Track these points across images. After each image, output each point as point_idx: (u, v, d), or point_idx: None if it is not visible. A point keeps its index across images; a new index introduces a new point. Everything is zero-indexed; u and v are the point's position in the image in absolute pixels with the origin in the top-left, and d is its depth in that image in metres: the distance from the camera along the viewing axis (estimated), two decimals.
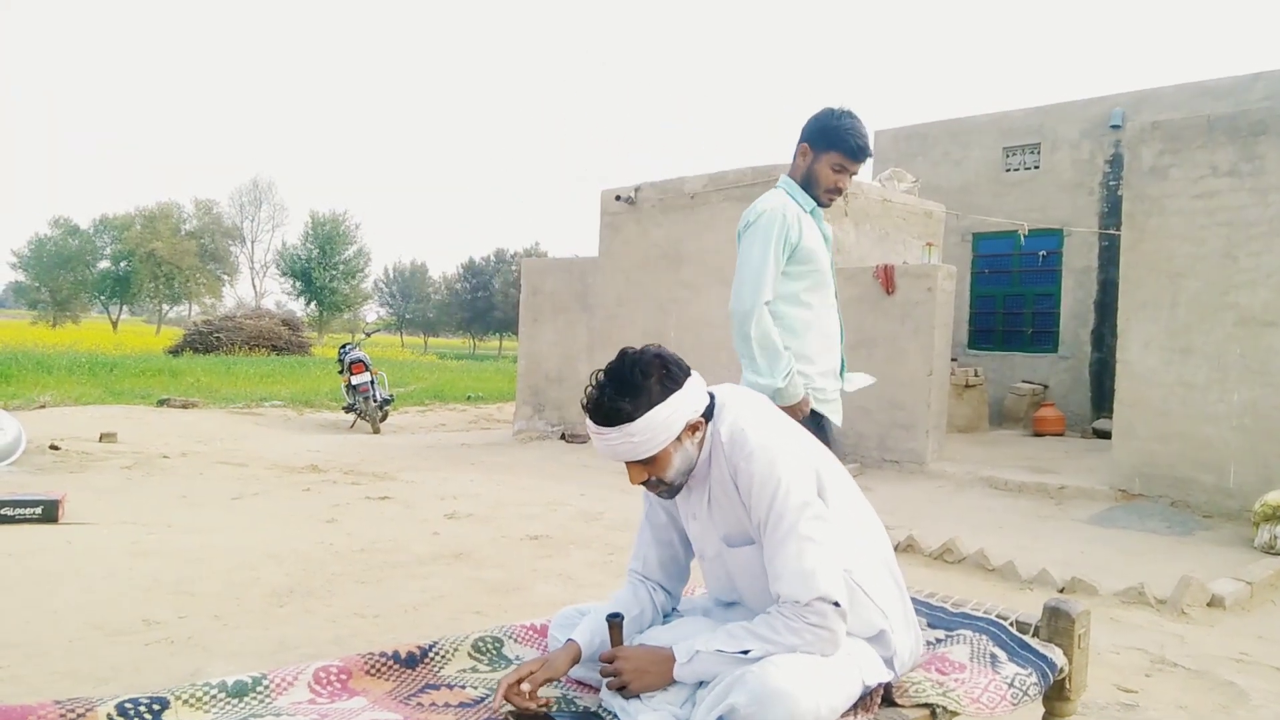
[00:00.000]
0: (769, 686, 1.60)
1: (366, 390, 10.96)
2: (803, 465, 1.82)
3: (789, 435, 1.88)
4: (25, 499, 4.92)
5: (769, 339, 2.72)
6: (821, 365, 2.84)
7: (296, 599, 3.72)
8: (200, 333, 26.33)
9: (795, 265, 2.80)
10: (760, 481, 1.77)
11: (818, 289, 2.83)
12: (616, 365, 1.82)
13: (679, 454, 1.84)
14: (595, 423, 1.81)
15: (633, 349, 1.86)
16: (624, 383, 1.78)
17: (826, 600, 1.70)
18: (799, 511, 1.75)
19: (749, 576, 1.89)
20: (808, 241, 2.78)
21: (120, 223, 52.70)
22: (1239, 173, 6.12)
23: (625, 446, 1.79)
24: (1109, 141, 11.29)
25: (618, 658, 1.83)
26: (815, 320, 2.83)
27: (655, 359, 1.82)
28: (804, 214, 2.82)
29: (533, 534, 5.17)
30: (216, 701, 1.73)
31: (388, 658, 1.99)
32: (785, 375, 2.70)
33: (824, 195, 2.83)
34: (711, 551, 1.97)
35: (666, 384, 1.80)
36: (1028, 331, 12.06)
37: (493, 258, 58.57)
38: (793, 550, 1.73)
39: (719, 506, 1.89)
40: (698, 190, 9.28)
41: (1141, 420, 6.52)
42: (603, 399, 1.79)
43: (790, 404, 2.70)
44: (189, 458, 7.70)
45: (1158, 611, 4.07)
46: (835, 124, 2.76)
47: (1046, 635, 2.15)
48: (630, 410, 1.77)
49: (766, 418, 1.90)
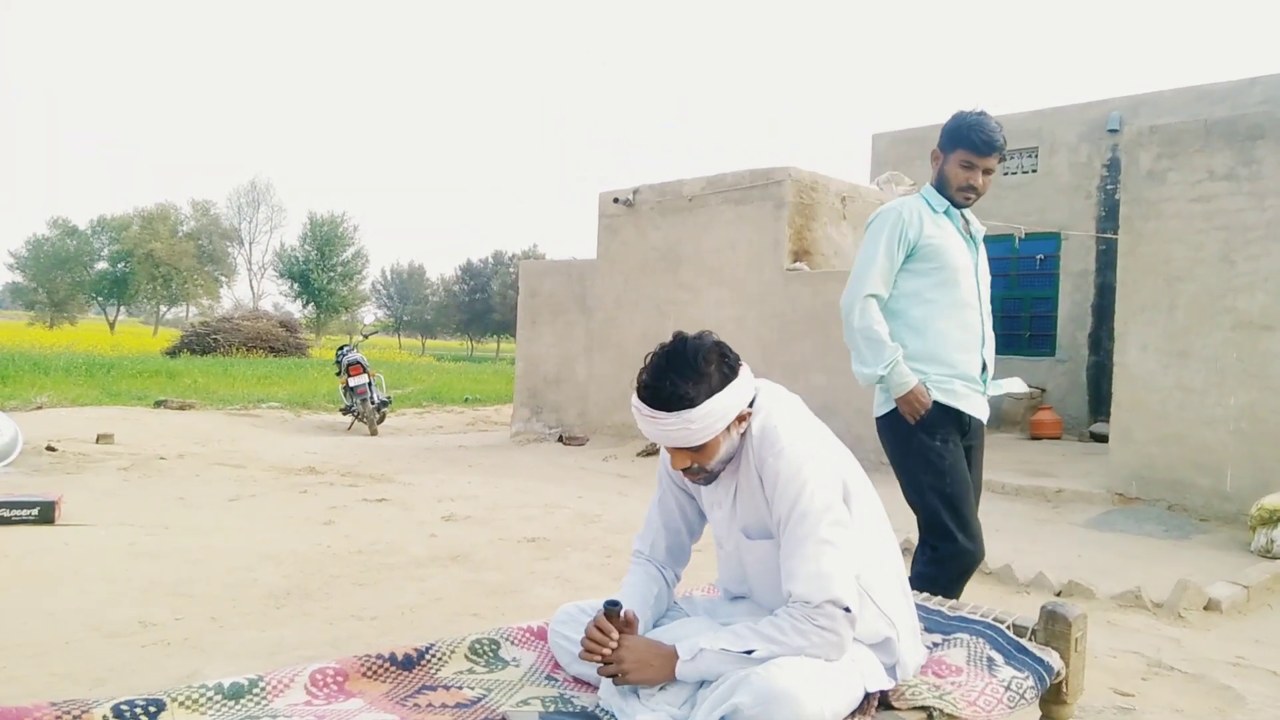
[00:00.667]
0: (774, 688, 1.59)
1: (364, 392, 10.96)
2: (830, 469, 1.82)
3: (820, 438, 1.89)
4: (22, 500, 4.91)
5: (871, 330, 2.74)
6: (950, 366, 2.80)
7: (294, 601, 3.71)
8: (198, 334, 26.33)
9: (918, 263, 2.79)
10: (786, 479, 1.77)
11: (945, 287, 2.79)
12: (679, 349, 1.80)
13: (725, 443, 1.84)
14: (653, 407, 1.77)
15: (689, 335, 1.84)
16: (687, 367, 1.76)
17: (838, 604, 1.70)
18: (821, 514, 1.75)
19: (762, 570, 1.90)
20: (933, 240, 2.78)
21: (118, 224, 52.70)
22: (1236, 177, 6.13)
23: (681, 433, 1.77)
24: (1106, 145, 11.30)
25: (620, 646, 1.82)
26: (940, 318, 2.79)
27: (715, 346, 1.81)
28: (932, 214, 2.82)
29: (530, 536, 5.17)
30: (213, 703, 1.73)
31: (384, 659, 1.98)
32: (887, 365, 2.71)
33: (957, 194, 2.83)
34: (730, 542, 1.97)
35: (725, 372, 1.79)
36: (1025, 335, 12.08)
37: (491, 259, 58.55)
38: (810, 551, 1.73)
39: (743, 498, 1.89)
40: (696, 193, 9.29)
41: (1139, 424, 6.52)
42: (664, 384, 1.76)
43: (899, 394, 2.72)
44: (186, 459, 7.69)
45: (1154, 615, 4.07)
46: (959, 122, 2.80)
47: (1043, 638, 2.15)
48: (693, 396, 1.75)
49: (799, 418, 1.90)
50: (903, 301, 2.80)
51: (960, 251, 2.83)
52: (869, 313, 2.76)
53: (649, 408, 1.78)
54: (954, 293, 2.81)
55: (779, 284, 8.52)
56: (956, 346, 2.80)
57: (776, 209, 8.62)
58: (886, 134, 13.39)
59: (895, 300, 2.81)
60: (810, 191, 8.79)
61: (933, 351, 2.78)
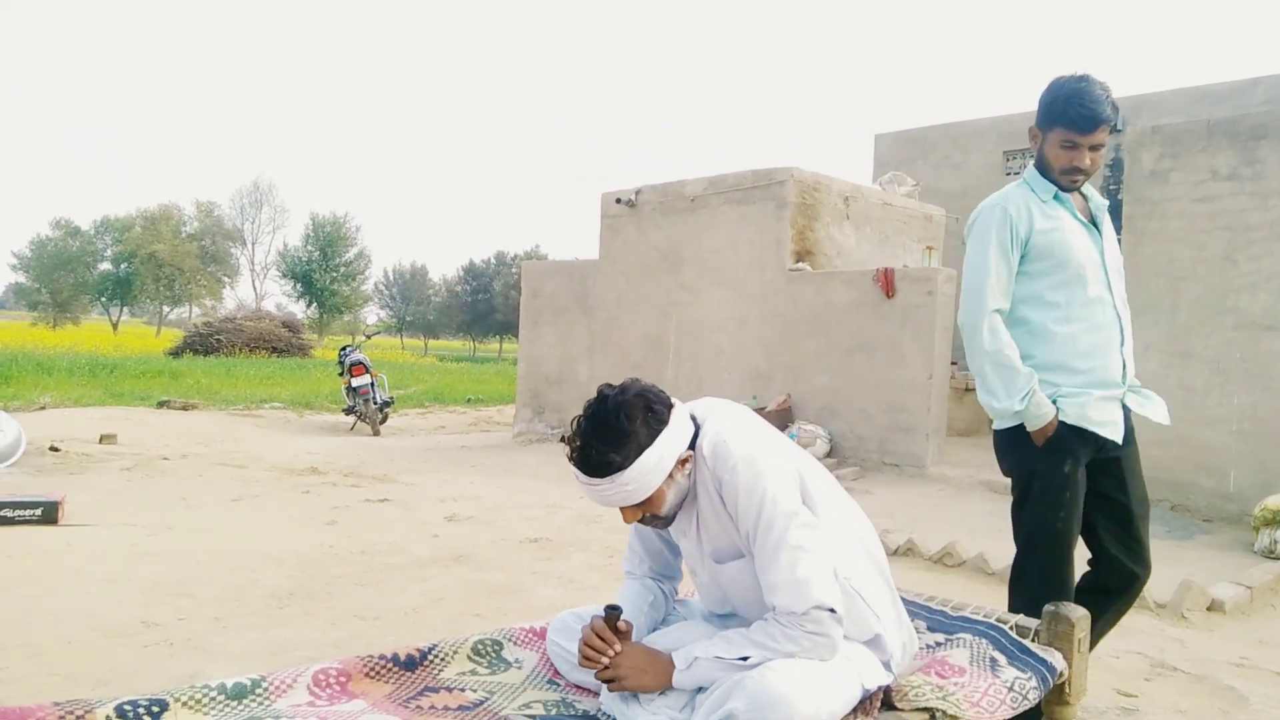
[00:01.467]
0: (768, 691, 1.60)
1: (367, 392, 10.97)
2: (787, 474, 1.81)
3: (771, 444, 1.86)
4: (25, 500, 4.92)
5: (1002, 354, 2.39)
6: (1084, 374, 2.43)
7: (296, 601, 3.71)
8: (200, 334, 26.37)
9: (1033, 262, 2.44)
10: (746, 493, 1.75)
11: (1068, 285, 2.43)
12: (598, 410, 1.75)
13: (672, 490, 1.81)
14: (585, 474, 1.75)
15: (612, 388, 1.79)
16: (609, 430, 1.72)
17: (823, 608, 1.70)
18: (788, 520, 1.74)
19: (741, 589, 1.89)
20: (1046, 233, 2.42)
21: (121, 224, 52.80)
22: (1239, 176, 6.13)
23: (619, 495, 1.75)
24: (1109, 145, 11.28)
25: (610, 647, 1.82)
26: (1067, 321, 2.43)
27: (637, 398, 1.76)
28: (1041, 203, 2.45)
29: (532, 536, 5.17)
30: (216, 703, 1.73)
31: (387, 660, 1.99)
32: (1024, 396, 2.37)
33: (1061, 178, 2.43)
34: (703, 569, 1.96)
35: (653, 424, 1.75)
36: None
37: (493, 260, 58.60)
38: (785, 561, 1.72)
39: (707, 523, 1.88)
40: (698, 193, 9.28)
41: (1141, 424, 6.50)
42: (590, 451, 1.73)
43: (1036, 428, 2.39)
44: (189, 459, 7.70)
45: (1157, 616, 4.07)
46: (1054, 94, 2.39)
47: (1046, 639, 2.15)
48: (620, 460, 1.71)
49: (746, 427, 1.87)
50: (1021, 308, 2.46)
51: (1080, 241, 2.45)
52: (999, 334, 2.40)
53: (583, 475, 1.76)
54: (1079, 290, 2.44)
55: (781, 284, 8.52)
56: (1089, 351, 2.44)
57: (779, 209, 8.61)
58: (889, 134, 13.38)
59: (1013, 307, 2.46)
60: (813, 192, 8.79)
61: (1061, 359, 2.42)
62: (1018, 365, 2.38)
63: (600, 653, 1.81)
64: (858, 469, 7.68)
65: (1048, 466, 2.44)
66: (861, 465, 7.78)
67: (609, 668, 1.80)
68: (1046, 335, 2.44)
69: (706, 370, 9.04)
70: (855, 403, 7.90)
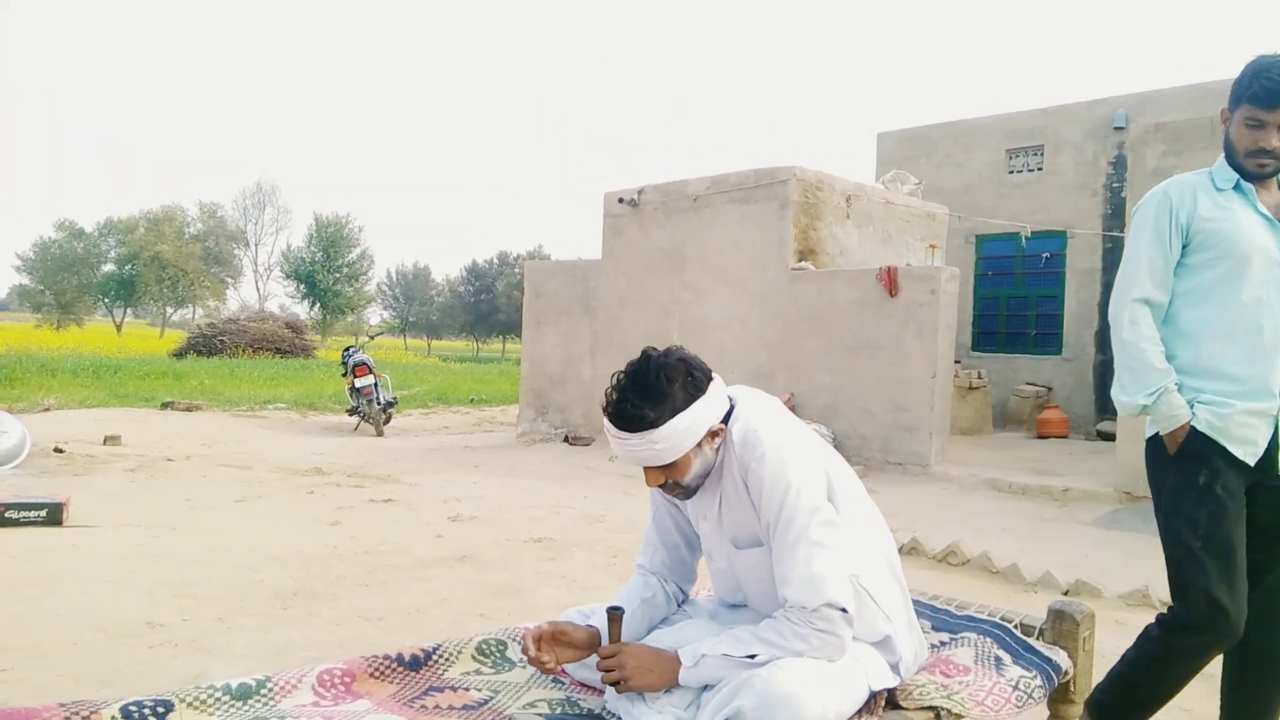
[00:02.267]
0: (776, 690, 1.59)
1: (370, 393, 10.99)
2: (814, 469, 1.80)
3: (801, 438, 1.86)
4: (30, 502, 4.93)
5: (1135, 347, 2.20)
6: (1231, 381, 2.17)
7: (300, 601, 3.72)
8: (204, 336, 26.42)
9: (1194, 254, 2.21)
10: (771, 483, 1.75)
11: (1230, 281, 2.18)
12: (640, 368, 1.77)
13: (699, 459, 1.81)
14: (617, 428, 1.76)
15: (656, 350, 1.81)
16: (648, 387, 1.74)
17: (834, 606, 1.69)
18: (809, 515, 1.73)
19: (756, 579, 1.89)
20: (1211, 222, 2.19)
21: (125, 226, 52.89)
22: None
23: (647, 453, 1.76)
24: (1112, 143, 11.28)
25: (620, 653, 1.81)
26: (1224, 322, 2.18)
27: (680, 363, 1.78)
28: (1213, 191, 2.23)
29: (536, 536, 5.17)
30: (220, 704, 1.73)
31: (391, 660, 1.99)
32: (1153, 393, 2.17)
33: (1247, 162, 2.21)
34: (721, 553, 1.95)
35: (690, 390, 1.76)
36: (1031, 333, 12.05)
37: (496, 260, 58.68)
38: (802, 555, 1.71)
39: (729, 508, 1.88)
40: (700, 192, 9.28)
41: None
42: (625, 404, 1.74)
43: (1167, 430, 2.19)
44: (193, 460, 7.72)
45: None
46: (1245, 70, 2.20)
47: (1051, 638, 2.15)
48: (654, 417, 1.72)
49: (779, 420, 1.88)
50: (1176, 303, 2.24)
51: (1256, 236, 2.19)
52: (1139, 324, 2.20)
53: (614, 428, 1.77)
54: (1241, 287, 2.18)
55: (784, 283, 8.51)
56: (1241, 357, 2.18)
57: (781, 208, 8.61)
58: (892, 133, 13.38)
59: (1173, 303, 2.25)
60: (815, 190, 8.78)
61: (1209, 363, 2.19)
62: (1153, 360, 2.18)
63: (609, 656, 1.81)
64: (861, 468, 7.67)
65: (1180, 478, 2.20)
66: (865, 464, 7.77)
67: (613, 668, 1.80)
68: (1195, 335, 2.22)
69: None
70: (858, 401, 7.89)
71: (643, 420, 1.73)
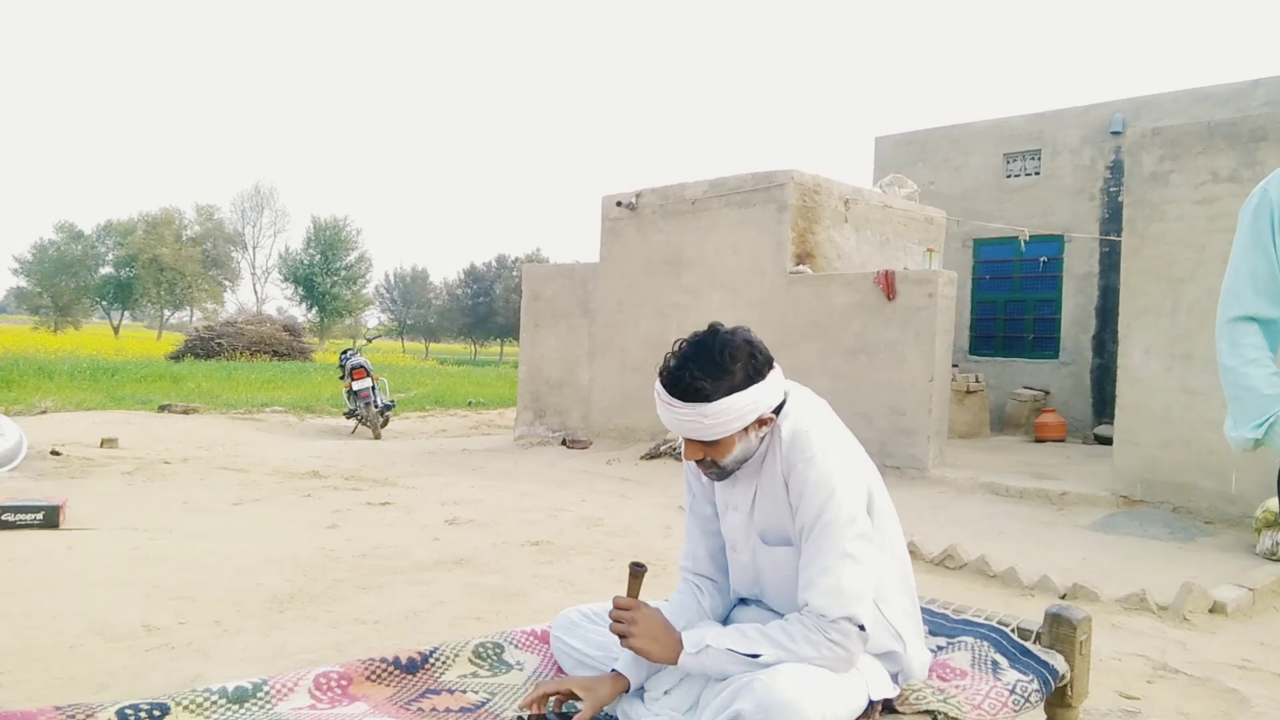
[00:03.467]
0: (776, 695, 1.58)
1: (368, 396, 10.99)
2: (858, 481, 1.79)
3: (850, 448, 1.84)
4: (26, 504, 4.92)
5: (1236, 372, 1.91)
6: None
7: (297, 605, 3.71)
8: (202, 338, 26.41)
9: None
10: (814, 487, 1.73)
11: None
12: (706, 340, 1.75)
13: (742, 443, 1.79)
14: (671, 395, 1.74)
15: (724, 327, 1.79)
16: (710, 361, 1.72)
17: (853, 621, 1.67)
18: (847, 526, 1.71)
19: (778, 577, 1.87)
20: None
21: (123, 228, 52.87)
22: (1240, 179, 6.13)
23: (694, 425, 1.74)
24: (1109, 147, 11.30)
25: (635, 609, 1.79)
26: None
27: (745, 344, 1.76)
28: None
29: (533, 540, 5.17)
30: (217, 707, 1.73)
31: (388, 663, 1.98)
32: (1261, 424, 1.90)
33: None
34: (744, 546, 1.92)
35: (751, 373, 1.74)
36: (1029, 337, 12.07)
37: (494, 263, 58.71)
38: (832, 563, 1.70)
39: (764, 503, 1.85)
40: (698, 196, 9.29)
41: (1143, 426, 6.51)
42: (685, 373, 1.72)
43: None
44: (190, 463, 7.71)
45: (1159, 618, 4.06)
46: None
47: (1048, 642, 2.15)
48: (710, 391, 1.71)
49: (831, 425, 1.86)
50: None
51: None
52: (1240, 346, 1.90)
53: (666, 394, 1.75)
54: None
55: (782, 287, 8.52)
56: None
57: (779, 212, 8.62)
58: (889, 137, 13.40)
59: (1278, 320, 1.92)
60: (813, 194, 8.79)
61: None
62: (1260, 385, 1.89)
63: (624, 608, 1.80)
64: None
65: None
66: None
67: (623, 623, 1.79)
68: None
69: None
70: (856, 405, 7.90)
71: (698, 392, 1.71)
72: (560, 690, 1.81)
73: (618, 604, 1.81)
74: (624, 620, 1.78)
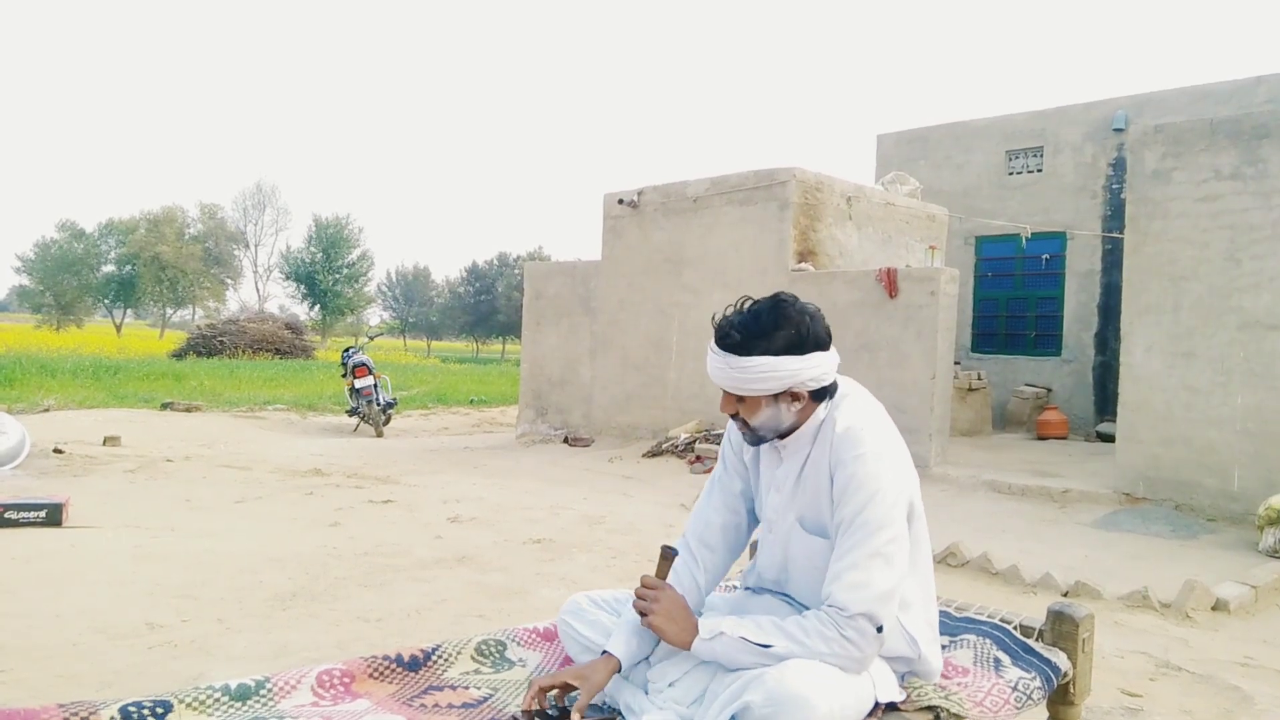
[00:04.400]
0: (786, 689, 1.58)
1: (370, 394, 10.99)
2: (903, 487, 1.80)
3: (901, 454, 1.85)
4: (29, 503, 4.93)
5: None
6: None
7: (299, 602, 3.72)
8: (204, 336, 26.43)
9: None
10: (859, 484, 1.74)
11: None
12: (769, 304, 1.81)
13: (770, 409, 1.83)
14: (715, 340, 1.82)
15: (791, 298, 1.83)
16: (758, 319, 1.78)
17: (872, 620, 1.67)
18: (882, 527, 1.72)
19: (806, 565, 1.88)
20: None
21: (125, 226, 52.87)
22: (1242, 176, 6.12)
23: (724, 374, 1.81)
24: (1112, 145, 11.28)
25: (660, 589, 1.83)
26: None
27: (801, 316, 1.80)
28: None
29: (535, 538, 5.17)
30: (220, 705, 1.73)
31: (391, 661, 1.99)
32: None
33: None
34: (782, 528, 1.93)
35: (792, 344, 1.78)
36: (1031, 335, 12.05)
37: (496, 261, 58.67)
38: (862, 560, 1.70)
39: (806, 489, 1.87)
40: (700, 194, 9.29)
41: (1145, 424, 6.50)
42: (730, 324, 1.80)
43: None
44: (192, 461, 7.71)
45: (1162, 615, 4.06)
46: None
47: (1050, 639, 2.15)
48: (742, 344, 1.77)
49: (886, 429, 1.87)
50: None
51: None
52: None
53: (714, 340, 1.83)
54: None
55: (784, 285, 8.51)
56: None
57: (781, 209, 8.61)
58: (891, 134, 13.38)
59: None
60: (815, 192, 8.79)
61: None
62: None
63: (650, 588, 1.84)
64: None
65: None
66: None
67: (646, 600, 1.82)
68: None
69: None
70: None
71: (731, 341, 1.78)
72: (556, 684, 1.82)
73: (644, 582, 1.85)
74: (647, 599, 1.82)
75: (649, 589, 1.83)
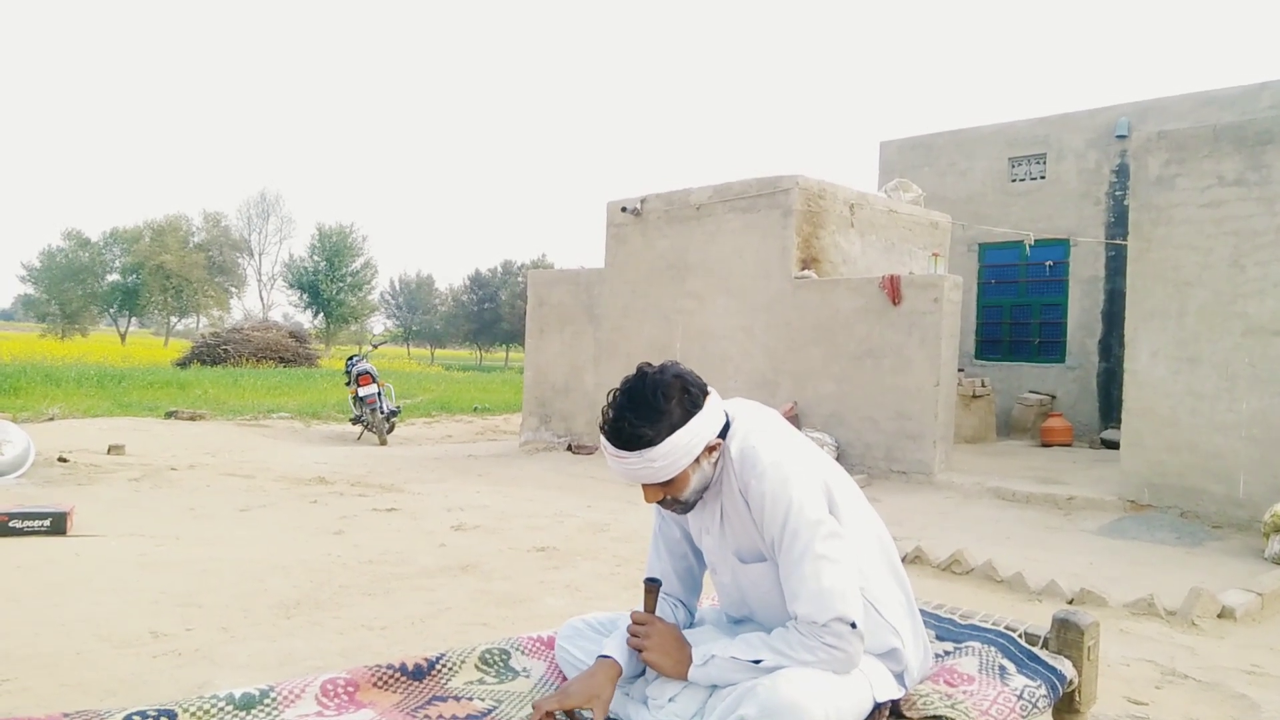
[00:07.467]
0: (780, 698, 1.59)
1: (374, 402, 11.00)
2: (814, 482, 1.79)
3: (798, 451, 1.85)
4: (34, 511, 4.94)
5: None
6: None
7: (304, 611, 3.72)
8: (208, 345, 26.48)
9: None
10: (772, 500, 1.75)
11: None
12: (636, 386, 1.77)
13: (697, 474, 1.81)
14: (615, 447, 1.76)
15: (651, 367, 1.81)
16: (645, 406, 1.73)
17: (844, 621, 1.68)
18: (813, 530, 1.72)
19: (761, 593, 1.88)
20: None
21: (129, 236, 53.00)
22: (1246, 182, 6.11)
23: (645, 471, 1.76)
24: (1115, 151, 11.28)
25: (651, 624, 1.84)
26: None
27: (676, 379, 1.77)
28: None
29: (539, 546, 5.17)
30: (224, 714, 1.73)
31: (395, 670, 1.99)
32: None
33: None
34: (725, 567, 1.95)
35: (687, 407, 1.76)
36: (1035, 341, 12.04)
37: (499, 269, 58.77)
38: (809, 570, 1.71)
39: (731, 523, 1.87)
40: (703, 201, 9.30)
41: (1150, 430, 6.49)
42: (622, 424, 1.74)
43: None
44: (197, 470, 7.72)
45: (1168, 623, 4.04)
46: None
47: (1055, 647, 2.14)
48: (651, 436, 1.72)
49: (776, 434, 1.87)
50: None
51: None
52: None
53: (613, 447, 1.77)
54: None
55: (787, 292, 8.52)
56: None
57: (784, 217, 8.62)
58: (894, 141, 13.39)
59: None
60: (818, 199, 8.79)
61: None
62: None
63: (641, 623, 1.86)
64: (865, 476, 7.66)
65: None
66: (868, 473, 7.76)
67: (639, 636, 1.84)
68: None
69: (713, 378, 8.99)
70: (862, 410, 7.89)
71: (640, 439, 1.73)
72: (563, 707, 1.80)
73: (635, 619, 1.87)
74: (640, 635, 1.83)
75: (640, 624, 1.85)
